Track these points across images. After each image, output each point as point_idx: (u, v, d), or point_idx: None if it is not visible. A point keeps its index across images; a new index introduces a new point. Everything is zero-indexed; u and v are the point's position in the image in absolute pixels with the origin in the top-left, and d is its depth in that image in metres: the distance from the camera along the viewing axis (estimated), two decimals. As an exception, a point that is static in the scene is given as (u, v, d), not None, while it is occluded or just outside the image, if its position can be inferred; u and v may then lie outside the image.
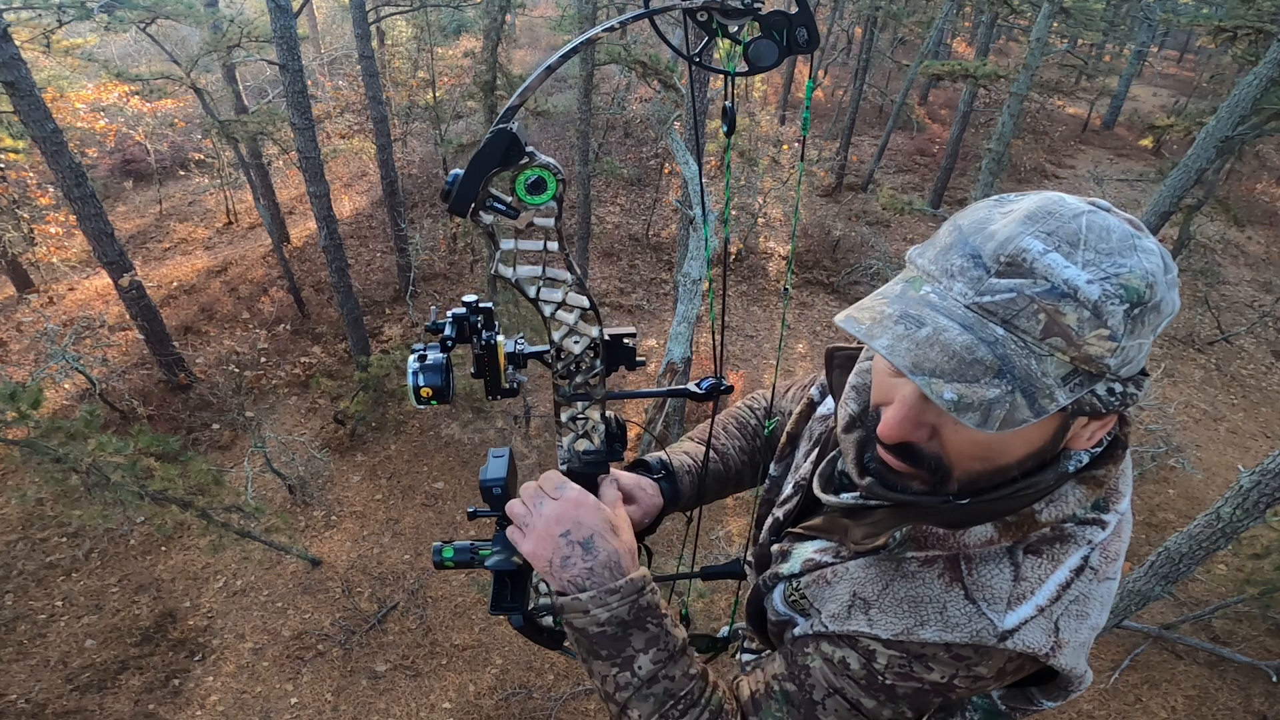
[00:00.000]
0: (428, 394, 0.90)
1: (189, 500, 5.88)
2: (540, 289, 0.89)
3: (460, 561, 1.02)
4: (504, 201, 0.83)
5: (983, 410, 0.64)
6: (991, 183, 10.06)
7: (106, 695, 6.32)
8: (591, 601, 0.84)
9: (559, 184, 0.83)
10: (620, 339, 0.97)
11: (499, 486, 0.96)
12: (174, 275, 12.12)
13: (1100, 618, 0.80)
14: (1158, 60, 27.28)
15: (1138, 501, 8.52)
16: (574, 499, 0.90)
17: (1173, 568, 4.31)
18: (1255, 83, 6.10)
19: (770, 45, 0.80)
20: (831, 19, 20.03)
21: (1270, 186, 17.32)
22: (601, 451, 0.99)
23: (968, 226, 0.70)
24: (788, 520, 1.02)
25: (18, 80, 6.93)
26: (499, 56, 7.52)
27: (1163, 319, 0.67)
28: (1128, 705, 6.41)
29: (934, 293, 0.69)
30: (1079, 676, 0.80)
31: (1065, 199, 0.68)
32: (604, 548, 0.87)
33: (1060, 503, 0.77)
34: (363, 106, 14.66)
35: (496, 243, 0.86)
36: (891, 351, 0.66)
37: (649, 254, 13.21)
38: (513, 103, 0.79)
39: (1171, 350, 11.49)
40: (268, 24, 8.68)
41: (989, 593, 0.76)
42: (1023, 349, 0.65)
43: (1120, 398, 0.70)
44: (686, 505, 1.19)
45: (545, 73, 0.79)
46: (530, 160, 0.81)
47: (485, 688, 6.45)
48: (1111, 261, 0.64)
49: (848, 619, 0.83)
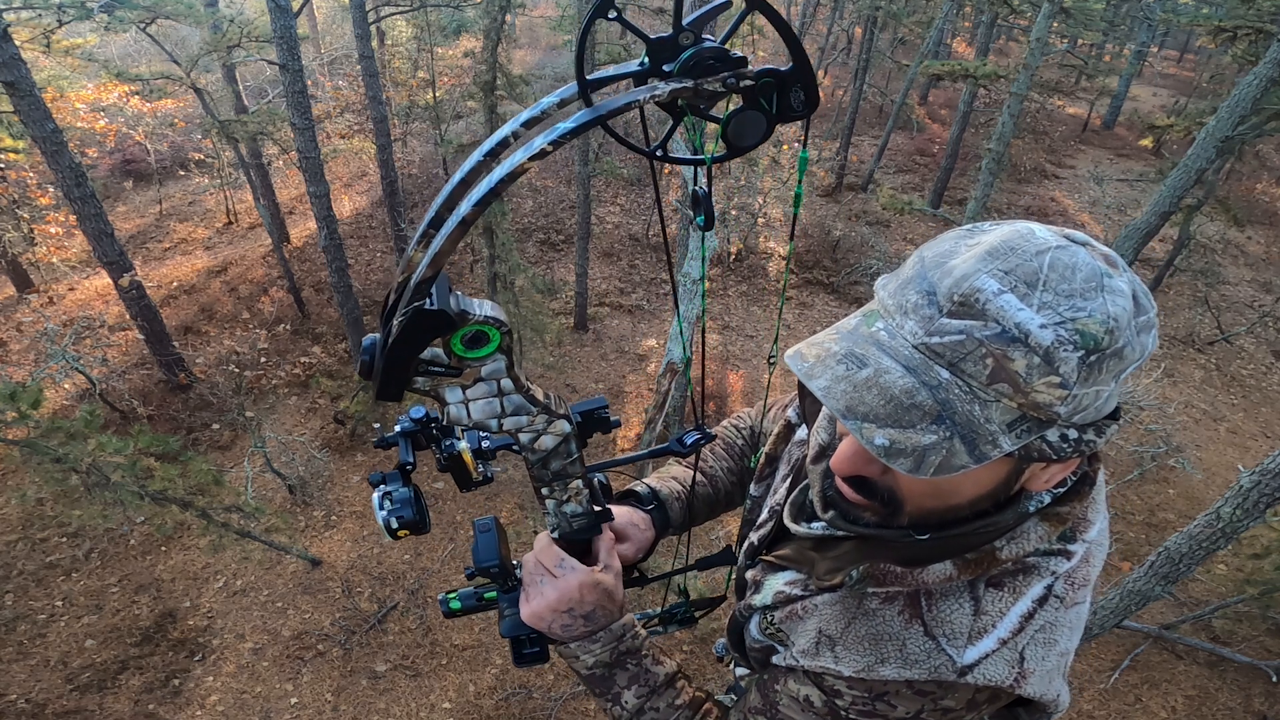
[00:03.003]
0: (404, 533, 0.86)
1: (189, 500, 5.88)
2: (502, 423, 0.82)
3: (469, 608, 1.04)
4: (441, 364, 0.75)
5: (915, 456, 0.62)
6: (991, 183, 10.05)
7: (106, 695, 6.32)
8: (579, 649, 0.94)
9: (503, 335, 0.74)
10: (592, 414, 0.92)
11: (495, 565, 0.98)
12: (174, 275, 12.12)
13: (1070, 642, 0.79)
14: (1158, 60, 27.28)
15: (1138, 501, 8.52)
16: (575, 582, 0.92)
17: (1173, 568, 4.31)
18: (1255, 83, 6.10)
19: (756, 118, 0.66)
20: (831, 19, 20.02)
21: (1270, 186, 17.32)
22: (591, 514, 0.96)
23: (930, 259, 0.67)
24: (762, 545, 1.03)
25: (18, 80, 6.93)
26: (499, 56, 7.51)
27: (1127, 365, 0.63)
28: (1128, 705, 6.41)
29: (885, 330, 0.67)
30: (1052, 701, 0.80)
31: (1035, 232, 0.64)
32: (602, 614, 0.95)
33: (1021, 540, 0.75)
34: (363, 106, 14.66)
35: (441, 398, 0.78)
36: (827, 394, 0.65)
37: (649, 254, 13.21)
38: (425, 275, 0.67)
39: (1171, 350, 11.49)
40: (268, 24, 8.68)
41: (948, 628, 0.76)
42: (967, 394, 0.62)
43: (1074, 444, 0.67)
44: (678, 530, 1.23)
45: (460, 229, 0.66)
46: (464, 319, 0.71)
47: (485, 688, 6.45)
48: (1070, 304, 0.60)
49: (816, 655, 0.84)
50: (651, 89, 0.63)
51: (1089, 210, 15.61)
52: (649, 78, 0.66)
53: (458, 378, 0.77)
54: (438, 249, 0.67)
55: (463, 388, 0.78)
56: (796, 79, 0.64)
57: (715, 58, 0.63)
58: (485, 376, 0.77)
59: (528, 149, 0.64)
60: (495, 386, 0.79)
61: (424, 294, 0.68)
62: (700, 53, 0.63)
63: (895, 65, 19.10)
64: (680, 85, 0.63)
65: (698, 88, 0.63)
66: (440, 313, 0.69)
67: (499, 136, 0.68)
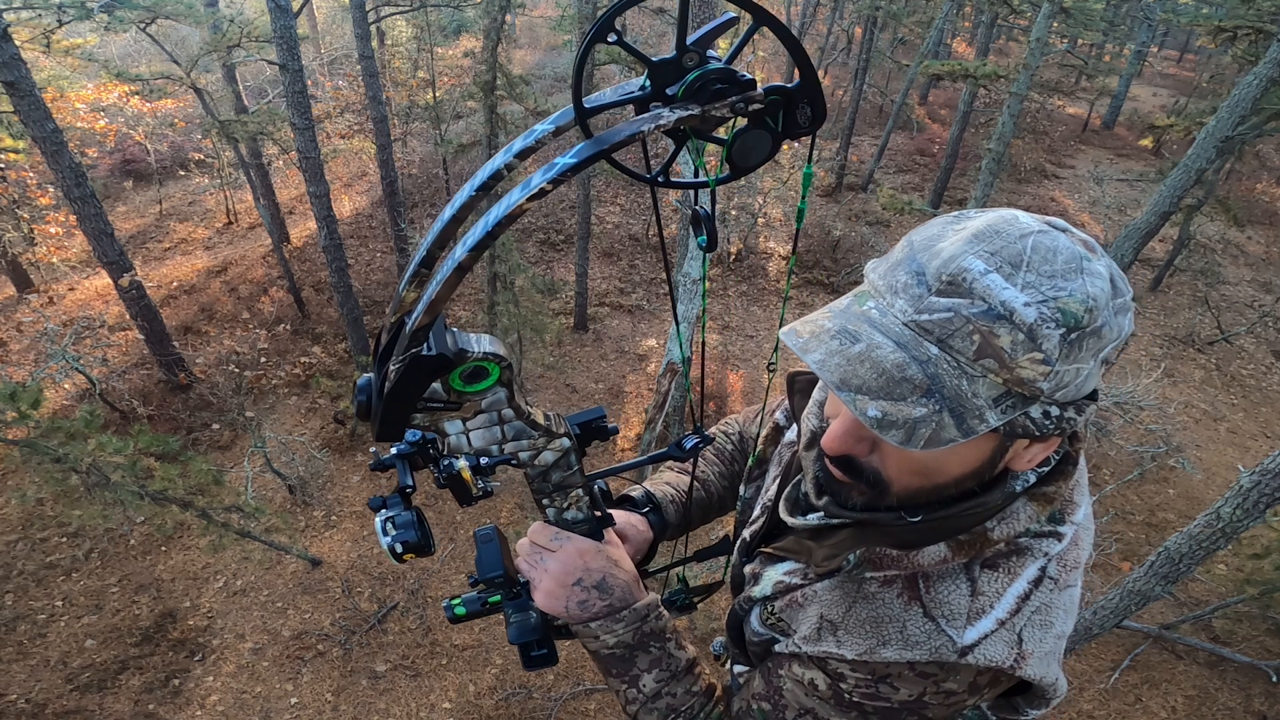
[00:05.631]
0: (410, 557, 0.85)
1: (189, 500, 5.88)
2: (503, 448, 0.82)
3: (474, 613, 1.03)
4: (439, 399, 0.74)
5: (907, 428, 0.64)
6: (991, 183, 10.05)
7: (106, 695, 6.32)
8: (600, 628, 0.92)
9: (502, 370, 0.73)
10: (590, 424, 0.91)
11: (500, 576, 0.97)
12: (174, 275, 12.13)
13: (1066, 625, 0.81)
14: (1158, 60, 27.27)
15: (1138, 501, 8.52)
16: (574, 548, 0.93)
17: (1173, 568, 4.31)
18: (1255, 83, 6.10)
19: (762, 137, 0.64)
20: (831, 19, 20.01)
21: (1270, 186, 17.31)
22: (592, 519, 0.96)
23: (919, 243, 0.70)
24: (755, 541, 1.04)
25: (18, 80, 6.93)
26: (499, 56, 7.51)
27: (1105, 344, 0.65)
28: (1128, 705, 6.41)
29: (876, 309, 0.69)
30: (1051, 685, 0.81)
31: (1019, 218, 0.67)
32: (616, 584, 0.93)
33: (1011, 520, 0.77)
34: (363, 106, 14.65)
35: (440, 430, 0.77)
36: (822, 366, 0.66)
37: (649, 254, 13.21)
38: (422, 323, 0.65)
39: (1171, 350, 11.49)
40: (268, 24, 8.68)
41: (947, 609, 0.77)
42: (955, 369, 0.64)
43: (1056, 421, 0.69)
44: (674, 534, 1.24)
45: (457, 275, 0.64)
46: (463, 358, 0.70)
47: (485, 688, 6.45)
48: (1052, 284, 0.63)
49: (818, 641, 0.85)
50: (656, 117, 0.60)
51: (1089, 210, 15.61)
52: (651, 102, 0.63)
53: (457, 411, 0.76)
54: (434, 295, 0.64)
55: (463, 420, 0.78)
56: (804, 95, 0.62)
57: (722, 80, 0.60)
58: (485, 408, 0.77)
59: (525, 188, 0.61)
60: (496, 416, 0.79)
61: (421, 340, 0.67)
62: (706, 75, 0.60)
63: (895, 65, 19.10)
64: (687, 113, 0.59)
65: (705, 113, 0.60)
66: (439, 357, 0.68)
67: (492, 169, 0.64)
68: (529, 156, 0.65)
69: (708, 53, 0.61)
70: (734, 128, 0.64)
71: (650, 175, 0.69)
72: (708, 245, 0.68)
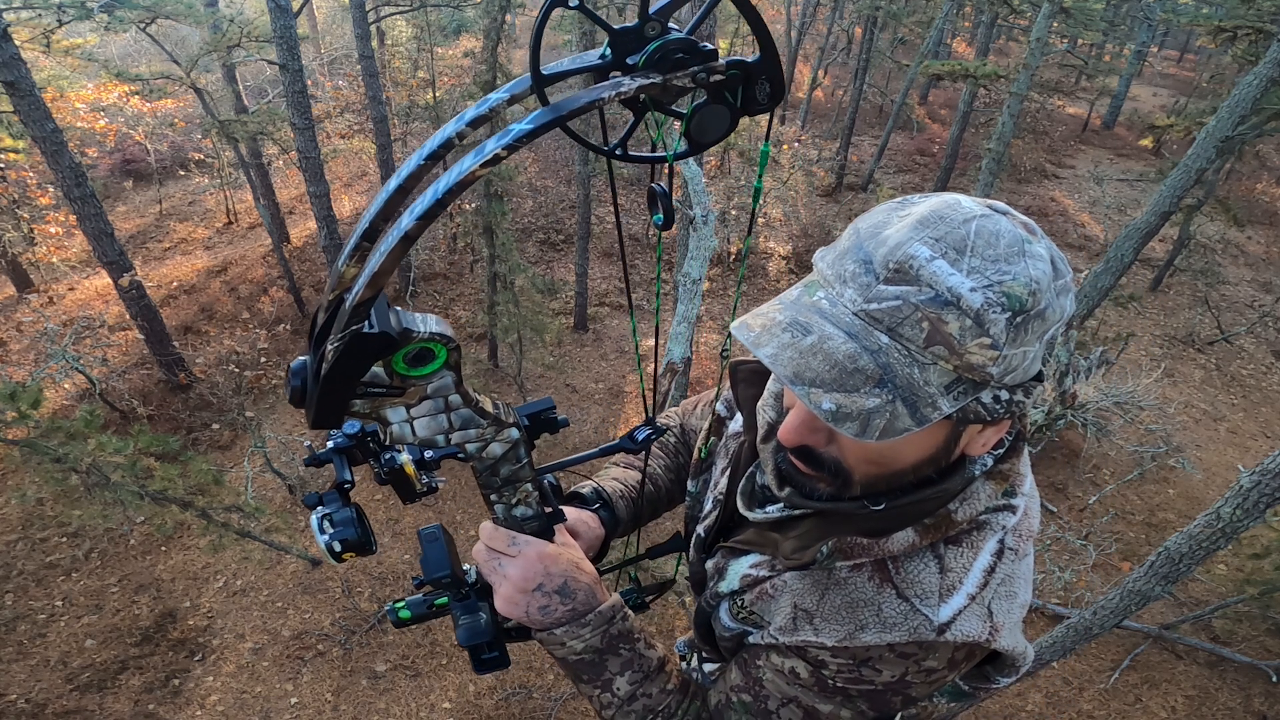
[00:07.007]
0: (349, 556, 0.80)
1: (189, 500, 5.88)
2: (450, 438, 0.78)
3: (420, 616, 1.00)
4: (382, 384, 0.69)
5: (861, 420, 0.64)
6: (991, 183, 10.06)
7: (106, 695, 6.32)
8: (565, 634, 0.89)
9: (449, 351, 0.69)
10: (539, 415, 0.87)
11: (446, 575, 0.94)
12: (174, 275, 12.13)
13: (1026, 594, 0.83)
14: (1158, 60, 27.27)
15: (1137, 501, 8.52)
16: (534, 553, 0.89)
17: (1173, 568, 4.31)
18: (1255, 83, 6.10)
19: (720, 112, 0.62)
20: (831, 19, 20.01)
21: (1270, 186, 17.31)
22: (542, 516, 0.92)
23: (865, 230, 0.69)
24: (709, 536, 1.03)
25: (18, 80, 6.93)
26: (499, 56, 7.51)
27: (1049, 326, 0.65)
28: (1128, 705, 6.41)
29: (826, 299, 0.69)
30: (1021, 654, 0.84)
31: (961, 202, 0.67)
32: (579, 588, 0.90)
33: (973, 500, 0.79)
34: (363, 106, 14.65)
35: (383, 418, 0.73)
36: (775, 360, 0.66)
37: (649, 254, 13.22)
38: (363, 296, 0.61)
39: (1171, 350, 11.49)
40: (268, 24, 8.68)
41: (919, 588, 0.78)
42: (906, 358, 0.64)
43: (1006, 405, 0.70)
44: (625, 530, 1.21)
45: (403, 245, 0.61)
46: (408, 338, 0.66)
47: (485, 688, 6.45)
48: (996, 269, 0.62)
49: (795, 630, 0.85)
50: (616, 85, 0.58)
51: (1089, 210, 15.61)
52: (611, 71, 0.61)
53: (400, 397, 0.72)
54: (376, 267, 0.61)
55: (407, 406, 0.73)
56: (763, 71, 0.60)
57: (683, 50, 0.59)
58: (431, 394, 0.73)
59: (478, 153, 0.58)
60: (442, 403, 0.74)
61: (362, 316, 0.63)
62: (667, 45, 0.58)
63: (895, 65, 19.10)
64: (648, 81, 0.58)
65: (666, 83, 0.58)
66: (382, 335, 0.64)
67: (442, 137, 0.61)
68: (481, 125, 0.63)
69: (669, 24, 0.60)
70: (693, 102, 0.62)
71: (609, 148, 0.67)
72: (664, 223, 0.67)
